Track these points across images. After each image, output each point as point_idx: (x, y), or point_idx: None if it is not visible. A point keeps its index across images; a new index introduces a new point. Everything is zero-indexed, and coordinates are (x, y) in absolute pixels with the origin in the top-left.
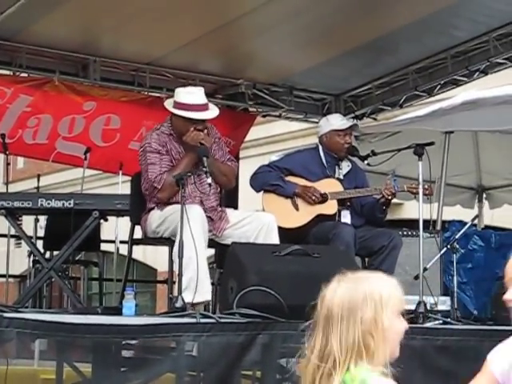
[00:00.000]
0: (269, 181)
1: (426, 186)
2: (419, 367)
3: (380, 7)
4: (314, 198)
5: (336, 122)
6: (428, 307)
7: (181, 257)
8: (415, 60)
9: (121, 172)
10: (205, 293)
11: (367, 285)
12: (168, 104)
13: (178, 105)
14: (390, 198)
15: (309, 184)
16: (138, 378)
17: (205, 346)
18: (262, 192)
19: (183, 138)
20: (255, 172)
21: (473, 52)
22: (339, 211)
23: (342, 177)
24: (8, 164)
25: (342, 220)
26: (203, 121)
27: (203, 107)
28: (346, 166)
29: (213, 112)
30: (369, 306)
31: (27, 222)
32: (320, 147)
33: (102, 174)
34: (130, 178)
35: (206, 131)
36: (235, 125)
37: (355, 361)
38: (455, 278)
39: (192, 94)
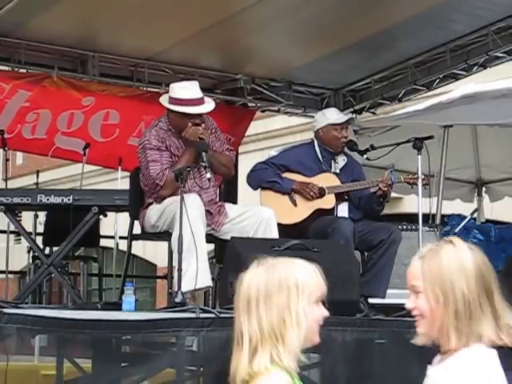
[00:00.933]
0: (265, 178)
1: (423, 177)
2: (419, 361)
3: (379, 1)
4: (311, 193)
5: (332, 116)
6: None
7: (180, 251)
8: (414, 54)
9: (120, 168)
10: (206, 279)
11: (284, 270)
12: (163, 100)
13: (173, 100)
14: (385, 189)
15: (306, 179)
16: (138, 374)
17: (205, 341)
18: (259, 189)
19: (182, 133)
20: (251, 170)
21: (472, 46)
22: (337, 205)
23: (338, 171)
24: (7, 160)
25: (340, 214)
26: (200, 115)
27: (199, 101)
28: (341, 160)
29: (209, 105)
30: (284, 291)
31: (26, 217)
32: (315, 142)
33: (101, 169)
34: (129, 174)
35: (203, 125)
36: (235, 121)
37: (271, 347)
38: None
39: (187, 89)
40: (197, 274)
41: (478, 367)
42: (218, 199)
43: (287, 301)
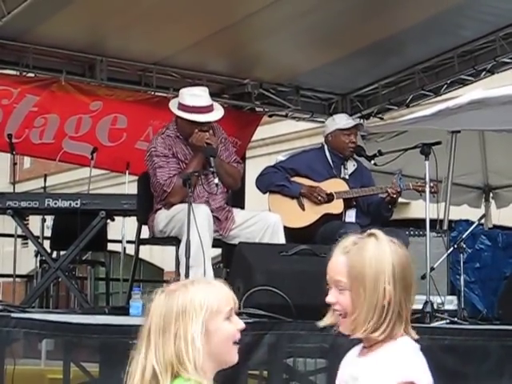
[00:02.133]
0: (274, 182)
1: (432, 184)
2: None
3: (386, 7)
4: (320, 198)
5: (341, 121)
6: (435, 307)
7: (187, 257)
8: (422, 59)
9: (127, 172)
10: None
11: (182, 295)
12: (172, 105)
13: (182, 107)
14: (395, 196)
15: (314, 184)
16: None
17: None
18: (268, 193)
19: (189, 140)
20: (261, 173)
21: (479, 51)
22: (345, 211)
23: (347, 176)
24: (15, 164)
25: (348, 219)
26: (208, 122)
27: (208, 109)
28: (351, 166)
29: (218, 113)
30: (182, 318)
31: (34, 221)
32: (325, 147)
33: (108, 173)
34: (136, 178)
35: (211, 131)
36: (242, 125)
37: (176, 376)
38: (462, 277)
39: (196, 97)
40: None
41: (412, 356)
42: (225, 205)
43: (187, 327)
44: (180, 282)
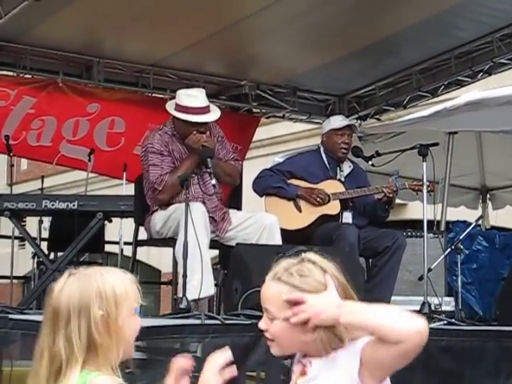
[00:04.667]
0: (271, 184)
1: (428, 183)
2: (423, 368)
3: (383, 8)
4: (318, 199)
5: (336, 122)
6: (432, 308)
7: (185, 257)
8: (419, 61)
9: (124, 177)
10: (209, 288)
11: (100, 280)
12: (169, 106)
13: (179, 107)
14: (391, 195)
15: (311, 186)
16: (143, 379)
17: (209, 347)
18: (264, 195)
19: (185, 140)
20: (257, 176)
21: (476, 52)
22: (341, 212)
23: (343, 178)
24: (12, 165)
25: (345, 220)
26: (205, 123)
27: (204, 110)
28: (347, 167)
29: (214, 114)
30: (101, 303)
31: (31, 223)
32: (321, 149)
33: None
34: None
35: (207, 133)
36: (240, 128)
37: (85, 361)
38: (459, 278)
39: (193, 97)
40: (201, 283)
41: None
42: (222, 206)
43: (106, 313)
44: (93, 268)
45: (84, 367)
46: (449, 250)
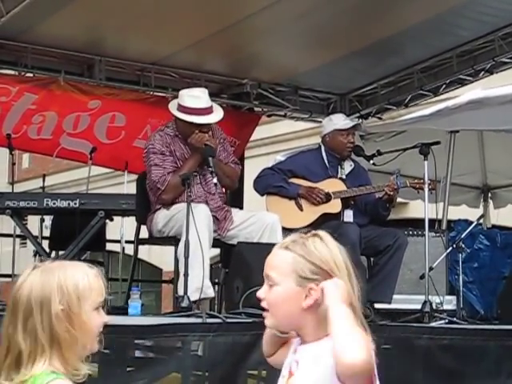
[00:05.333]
0: (272, 183)
1: (430, 182)
2: (425, 367)
3: (385, 7)
4: (318, 198)
5: (339, 121)
6: (434, 307)
7: (186, 256)
8: (420, 59)
9: (126, 171)
10: (208, 289)
11: (63, 274)
12: (172, 106)
13: (182, 108)
14: (391, 194)
15: (312, 185)
16: (144, 378)
17: (211, 346)
18: (265, 195)
19: (188, 140)
20: (258, 175)
21: (478, 51)
22: (343, 210)
23: (344, 176)
24: (13, 164)
25: (346, 219)
26: (208, 124)
27: (207, 110)
28: (348, 166)
29: (217, 115)
30: (61, 297)
31: (33, 221)
32: (322, 147)
33: (107, 173)
34: (135, 178)
35: (210, 133)
36: (240, 124)
37: (51, 356)
38: (461, 277)
39: (196, 98)
40: (202, 284)
41: None
42: (224, 204)
43: (68, 307)
44: (57, 262)
45: (50, 363)
46: (450, 248)
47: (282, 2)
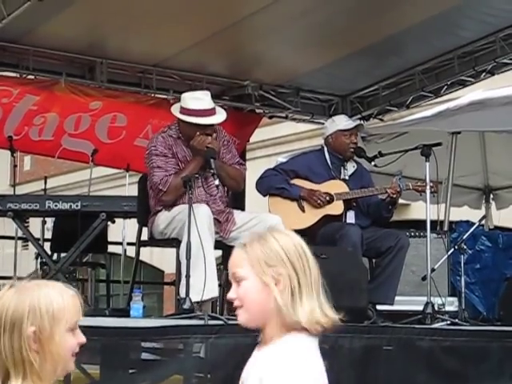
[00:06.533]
0: (274, 184)
1: (432, 184)
2: (427, 368)
3: (386, 8)
4: (319, 201)
5: (341, 122)
6: (436, 308)
7: (188, 258)
8: (422, 61)
9: (128, 173)
10: (212, 290)
11: (36, 296)
12: (174, 109)
13: (184, 110)
14: (394, 196)
15: (314, 186)
16: (146, 380)
17: (212, 348)
18: (268, 196)
19: (190, 142)
20: (261, 176)
21: (479, 52)
22: (345, 212)
23: (347, 178)
24: (15, 166)
25: (348, 220)
26: (211, 126)
27: (210, 112)
28: (351, 167)
29: (220, 116)
30: (34, 319)
31: (34, 224)
32: (325, 148)
33: (109, 176)
34: (137, 180)
35: (214, 135)
36: (241, 125)
37: (17, 378)
38: (463, 278)
39: (199, 100)
40: (204, 285)
41: (301, 356)
42: (226, 207)
43: (39, 329)
44: (33, 281)
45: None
46: (452, 250)
47: (282, 3)
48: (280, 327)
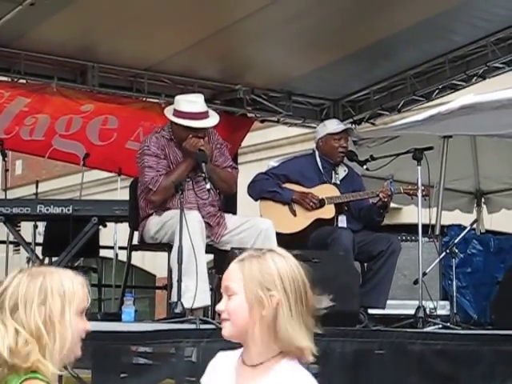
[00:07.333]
0: (266, 188)
1: (423, 187)
2: (419, 372)
3: (378, 12)
4: (311, 204)
5: (332, 126)
6: (427, 312)
7: (180, 263)
8: (413, 65)
9: (120, 177)
10: (204, 298)
11: (48, 278)
12: (168, 112)
13: (177, 113)
14: (385, 200)
15: (306, 190)
16: None
17: (204, 352)
18: (259, 200)
19: (182, 144)
20: (252, 180)
21: (471, 56)
22: (336, 216)
23: (338, 182)
24: (6, 170)
25: (340, 224)
26: (204, 129)
27: (203, 115)
28: (342, 171)
29: (213, 120)
30: (45, 299)
31: (26, 228)
32: (316, 153)
33: (100, 180)
34: (128, 184)
35: (206, 138)
36: (233, 129)
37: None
38: (454, 282)
39: (192, 103)
40: (195, 292)
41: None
42: (217, 211)
43: (50, 310)
44: (44, 267)
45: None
46: (444, 253)
47: (274, 6)
48: (267, 348)
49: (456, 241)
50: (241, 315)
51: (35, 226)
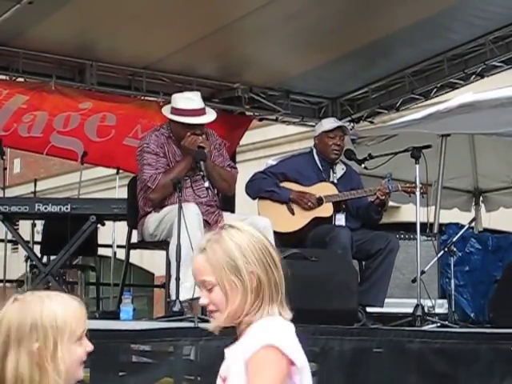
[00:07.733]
0: (264, 187)
1: (421, 186)
2: (417, 370)
3: (376, 11)
4: (309, 203)
5: (327, 124)
6: (425, 310)
7: (178, 260)
8: (411, 63)
9: (117, 177)
10: None
11: (39, 310)
12: (165, 110)
13: (175, 110)
14: (383, 198)
15: (304, 189)
16: (136, 382)
17: (203, 350)
18: (257, 199)
19: (181, 142)
20: (250, 179)
21: (469, 55)
22: (334, 215)
23: (336, 180)
24: (5, 169)
25: (338, 223)
26: (201, 126)
27: (200, 112)
28: (340, 170)
29: (210, 116)
30: (39, 334)
31: (24, 226)
32: (314, 151)
33: (98, 178)
34: (126, 183)
35: (204, 136)
36: (231, 127)
37: None
38: (452, 280)
39: (189, 100)
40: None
41: (281, 328)
42: (215, 209)
43: (43, 346)
44: (36, 293)
45: None
46: (442, 252)
47: (272, 5)
48: (258, 315)
49: (454, 239)
50: (227, 301)
51: (33, 225)
